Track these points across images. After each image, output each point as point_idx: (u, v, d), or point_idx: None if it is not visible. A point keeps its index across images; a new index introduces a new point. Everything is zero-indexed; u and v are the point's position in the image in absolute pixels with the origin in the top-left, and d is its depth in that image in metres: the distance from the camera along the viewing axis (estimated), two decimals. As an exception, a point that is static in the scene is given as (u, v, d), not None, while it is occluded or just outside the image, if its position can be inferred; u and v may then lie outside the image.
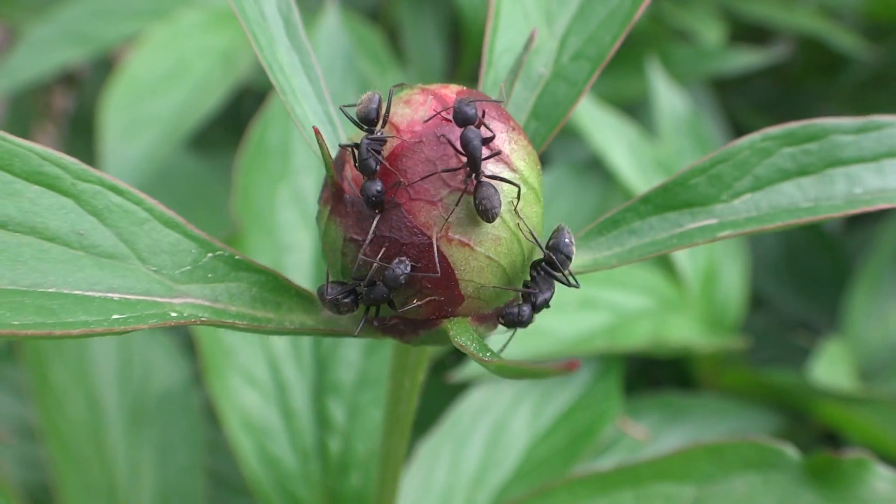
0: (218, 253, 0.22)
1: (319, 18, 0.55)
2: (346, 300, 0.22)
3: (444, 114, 0.21)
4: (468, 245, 0.21)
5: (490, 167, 0.21)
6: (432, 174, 0.21)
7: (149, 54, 0.71)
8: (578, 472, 0.37)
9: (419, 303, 0.21)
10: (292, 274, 0.52)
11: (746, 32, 1.04)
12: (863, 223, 1.07)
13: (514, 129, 0.23)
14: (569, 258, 0.22)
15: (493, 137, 0.21)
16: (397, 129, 0.21)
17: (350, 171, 0.22)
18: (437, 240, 0.21)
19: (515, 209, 0.22)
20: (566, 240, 0.22)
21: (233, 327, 0.20)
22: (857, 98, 1.09)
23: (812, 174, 0.25)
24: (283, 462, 0.49)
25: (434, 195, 0.21)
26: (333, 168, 0.22)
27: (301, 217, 0.53)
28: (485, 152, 0.21)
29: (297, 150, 0.54)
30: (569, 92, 0.28)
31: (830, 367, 0.71)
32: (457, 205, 0.21)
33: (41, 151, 0.20)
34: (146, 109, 0.68)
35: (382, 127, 0.22)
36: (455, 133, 0.21)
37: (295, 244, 0.53)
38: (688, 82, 0.90)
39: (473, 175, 0.21)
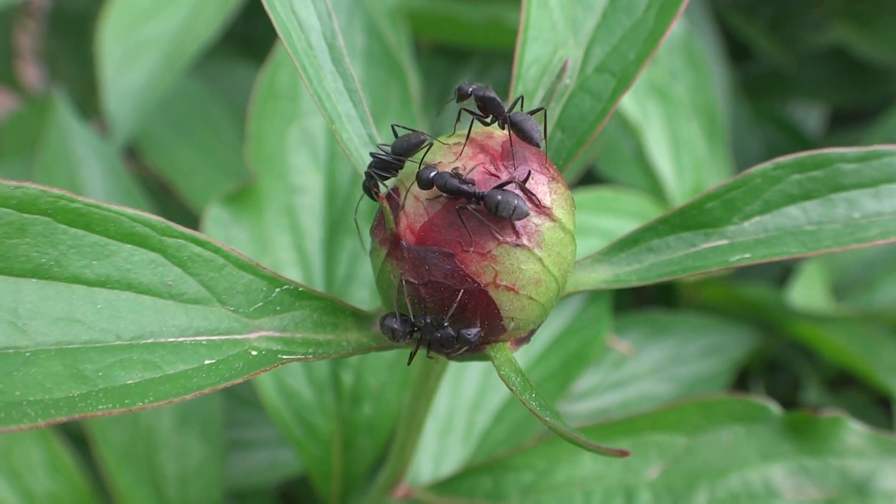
0: (285, 287, 0.24)
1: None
2: (405, 332, 0.24)
3: (492, 170, 0.23)
4: (513, 289, 0.24)
5: (534, 220, 0.24)
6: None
7: (141, -27, 0.69)
8: (580, 424, 0.41)
9: (473, 333, 0.24)
10: (304, 216, 0.54)
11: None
12: (845, 129, 1.09)
13: (554, 179, 0.25)
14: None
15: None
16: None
17: (405, 220, 0.24)
18: (486, 286, 0.23)
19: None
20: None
21: (304, 360, 0.23)
22: (849, 6, 1.09)
23: (816, 198, 0.28)
24: (300, 394, 0.53)
25: (484, 248, 0.23)
26: (391, 215, 0.24)
27: (311, 158, 0.55)
28: (530, 206, 0.23)
29: (306, 92, 0.55)
30: (594, 106, 0.30)
31: (806, 289, 0.75)
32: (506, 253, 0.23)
33: (132, 214, 0.22)
34: (143, 34, 0.67)
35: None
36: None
37: (306, 186, 0.54)
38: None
39: (473, 199, 0.24)
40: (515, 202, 0.23)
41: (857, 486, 0.39)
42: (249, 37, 0.86)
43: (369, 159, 0.28)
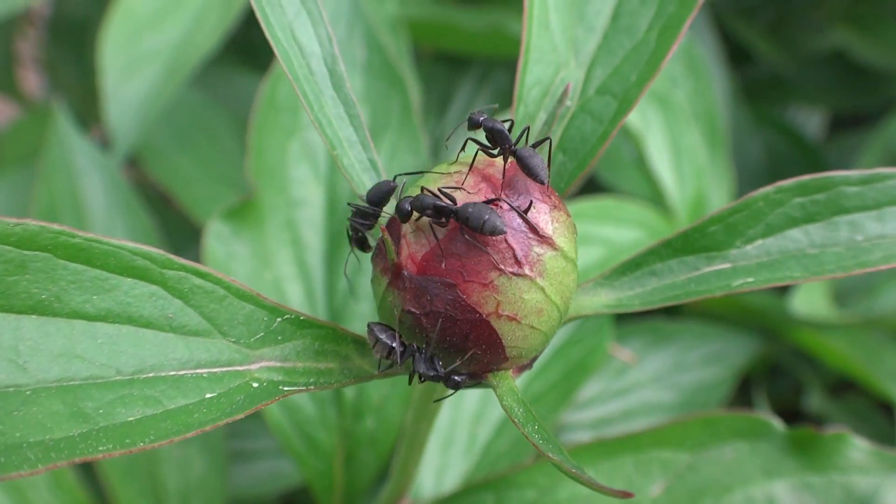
0: (286, 317, 0.24)
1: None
2: (397, 351, 0.24)
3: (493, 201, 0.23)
4: (515, 319, 0.24)
5: (536, 249, 0.24)
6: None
7: (142, -17, 0.69)
8: (583, 440, 0.41)
9: (465, 375, 0.24)
10: (305, 229, 0.54)
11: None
12: (845, 134, 1.09)
13: (556, 208, 0.25)
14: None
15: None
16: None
17: (406, 249, 0.24)
18: (487, 316, 0.23)
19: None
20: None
21: (305, 392, 0.23)
22: (849, 9, 1.09)
23: (819, 221, 0.28)
24: (302, 407, 0.53)
25: (485, 278, 0.23)
26: (392, 246, 0.24)
27: (312, 172, 0.55)
28: (531, 235, 0.23)
29: (306, 104, 0.55)
30: (595, 129, 0.29)
31: (808, 296, 0.75)
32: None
33: (132, 248, 0.22)
34: (145, 45, 0.67)
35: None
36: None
37: (307, 199, 0.54)
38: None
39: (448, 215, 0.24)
40: (486, 216, 0.23)
41: (860, 502, 0.38)
42: (251, 45, 0.86)
43: (370, 185, 0.28)
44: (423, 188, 0.24)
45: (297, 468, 0.54)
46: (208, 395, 0.21)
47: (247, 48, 0.87)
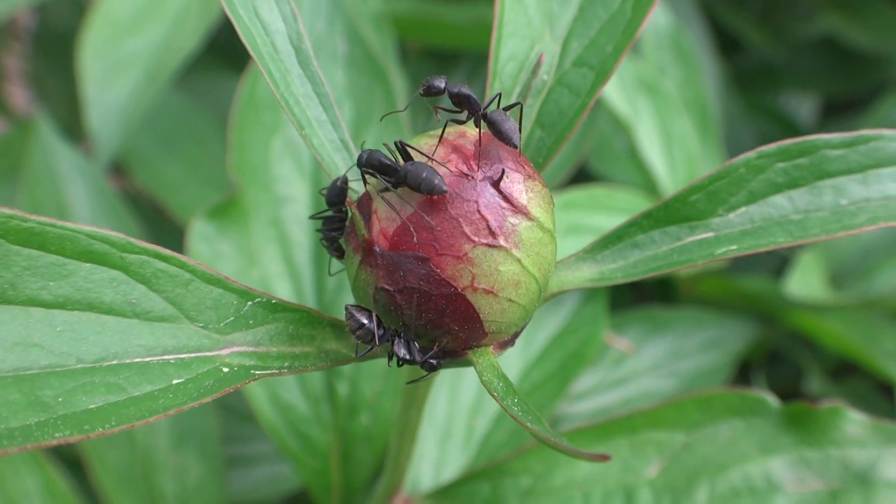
0: (257, 300, 0.23)
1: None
2: (374, 334, 0.24)
3: (465, 170, 0.23)
4: (492, 292, 0.23)
5: (510, 219, 0.23)
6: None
7: (120, -12, 0.68)
8: (579, 425, 0.40)
9: (438, 349, 0.23)
10: (291, 226, 0.54)
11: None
12: (838, 119, 1.08)
13: (530, 177, 0.24)
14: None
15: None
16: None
17: (377, 225, 0.23)
18: (463, 290, 0.23)
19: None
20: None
21: (279, 375, 0.22)
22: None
23: (802, 187, 0.27)
24: (295, 406, 0.52)
25: (459, 250, 0.23)
26: (362, 222, 0.23)
27: (296, 168, 0.54)
28: (505, 205, 0.23)
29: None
30: (572, 102, 0.29)
31: (804, 279, 0.74)
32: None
33: (89, 231, 0.21)
34: (125, 49, 0.66)
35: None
36: (469, 191, 0.23)
37: (292, 196, 0.54)
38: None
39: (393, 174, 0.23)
40: (424, 174, 0.23)
41: (859, 476, 0.38)
42: (232, 48, 0.85)
43: (342, 166, 0.27)
44: (379, 148, 0.24)
45: (294, 469, 0.54)
46: (175, 381, 0.21)
47: (229, 50, 0.86)
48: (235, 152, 0.52)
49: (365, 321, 0.23)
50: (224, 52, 0.84)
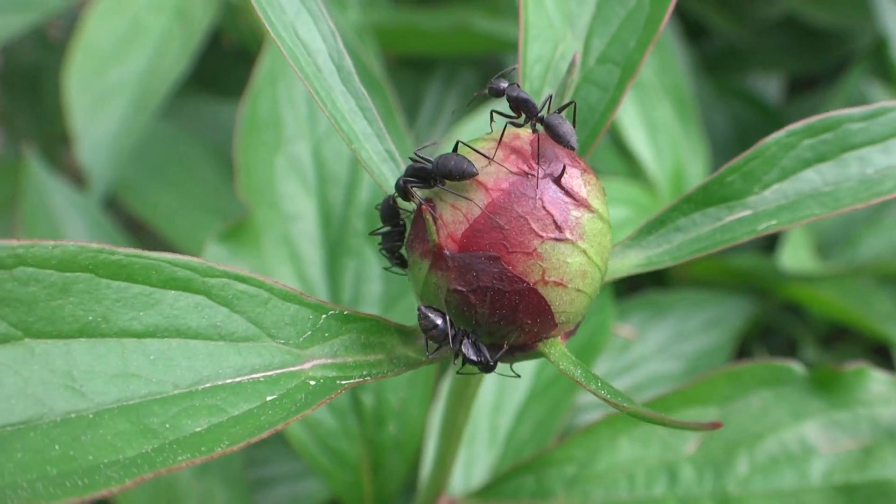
0: (330, 313, 0.24)
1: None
2: (445, 333, 0.24)
3: (526, 169, 0.23)
4: (562, 284, 0.24)
5: (573, 213, 0.24)
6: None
7: (100, 18, 0.68)
8: (595, 419, 0.41)
9: (507, 348, 0.24)
10: (302, 243, 0.54)
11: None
12: (803, 95, 1.11)
13: (586, 171, 0.25)
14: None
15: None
16: (485, 188, 0.24)
17: (444, 230, 0.24)
18: (535, 284, 0.23)
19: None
20: None
21: (362, 383, 0.23)
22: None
23: (829, 160, 0.28)
24: (322, 422, 0.52)
25: (529, 247, 0.23)
26: (434, 227, 0.24)
27: (301, 184, 0.55)
28: (567, 200, 0.24)
29: (287, 118, 0.55)
30: (601, 97, 0.30)
31: (794, 252, 0.76)
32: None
33: (171, 259, 0.21)
34: (109, 79, 0.66)
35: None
36: (532, 189, 0.23)
37: (299, 213, 0.54)
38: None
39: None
40: (452, 162, 0.24)
41: (889, 431, 0.39)
42: (210, 73, 0.85)
43: (390, 177, 0.27)
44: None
45: (326, 484, 0.54)
46: (269, 398, 0.21)
47: (207, 76, 0.86)
48: (243, 174, 0.52)
49: (438, 322, 0.24)
50: (202, 79, 0.84)
